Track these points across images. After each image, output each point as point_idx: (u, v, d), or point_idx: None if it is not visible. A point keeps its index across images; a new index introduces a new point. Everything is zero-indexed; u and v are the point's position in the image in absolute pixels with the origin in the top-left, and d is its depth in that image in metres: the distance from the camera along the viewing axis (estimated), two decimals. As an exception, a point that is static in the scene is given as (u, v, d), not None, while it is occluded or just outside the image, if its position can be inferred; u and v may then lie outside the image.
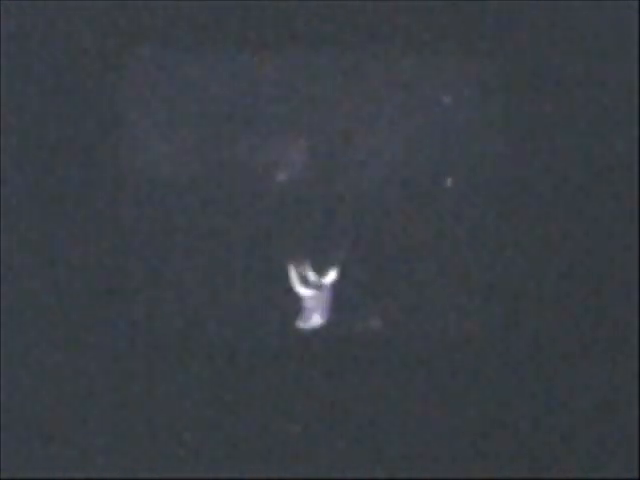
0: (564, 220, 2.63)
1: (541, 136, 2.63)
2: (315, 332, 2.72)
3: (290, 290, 2.71)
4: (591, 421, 2.64)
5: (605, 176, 2.63)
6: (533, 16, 2.61)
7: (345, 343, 2.67)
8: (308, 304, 2.71)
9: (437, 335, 2.69)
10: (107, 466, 2.57)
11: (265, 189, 2.68)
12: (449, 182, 2.69)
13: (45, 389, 2.56)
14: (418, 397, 2.64)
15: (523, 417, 2.65)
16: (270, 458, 2.61)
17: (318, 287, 2.71)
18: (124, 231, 2.61)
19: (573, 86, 2.62)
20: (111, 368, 2.57)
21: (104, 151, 2.56)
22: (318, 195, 2.69)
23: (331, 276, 2.71)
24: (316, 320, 2.72)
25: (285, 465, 2.61)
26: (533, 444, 2.64)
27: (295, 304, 2.72)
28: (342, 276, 2.71)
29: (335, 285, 2.72)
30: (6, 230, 2.51)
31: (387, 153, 2.69)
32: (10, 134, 2.50)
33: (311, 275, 2.70)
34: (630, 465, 2.61)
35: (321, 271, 2.70)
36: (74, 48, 2.52)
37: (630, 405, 2.63)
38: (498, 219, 2.68)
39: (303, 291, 2.71)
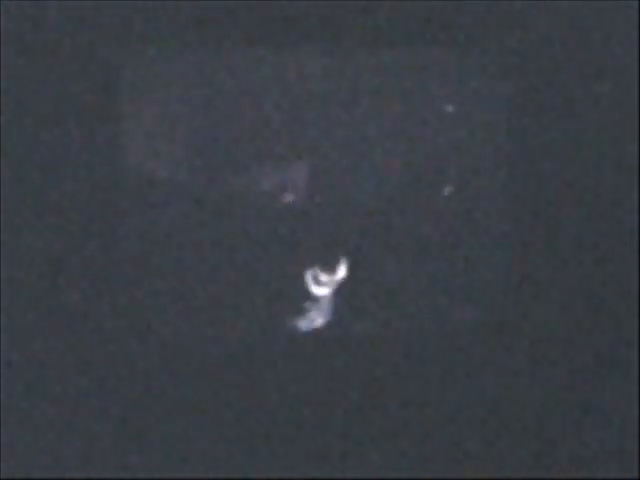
0: (565, 225, 2.64)
1: (542, 144, 2.63)
2: (315, 332, 2.73)
3: (291, 292, 2.72)
4: (591, 421, 2.64)
5: (606, 183, 2.63)
6: (534, 20, 2.61)
7: (345, 344, 2.67)
8: (317, 305, 2.72)
9: (436, 336, 2.70)
10: (107, 466, 2.58)
11: (272, 209, 2.69)
12: (447, 191, 2.70)
13: (45, 389, 2.56)
14: (418, 397, 2.65)
15: (523, 417, 2.65)
16: (270, 458, 2.61)
17: (330, 285, 2.72)
18: (123, 234, 2.61)
19: (574, 92, 2.62)
20: (112, 368, 2.58)
21: (104, 152, 2.56)
22: (323, 210, 2.70)
23: (340, 275, 2.73)
24: (318, 321, 2.73)
25: (285, 465, 2.61)
26: (533, 444, 2.65)
27: (296, 306, 2.72)
28: (343, 278, 2.73)
29: (336, 287, 2.73)
30: (5, 230, 2.51)
31: (387, 164, 2.70)
32: (10, 134, 2.50)
33: (323, 276, 2.71)
34: (630, 465, 2.61)
35: (331, 272, 2.72)
36: (74, 48, 2.52)
37: (630, 406, 2.63)
38: (498, 222, 2.69)
39: (317, 291, 2.72)
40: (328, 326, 2.73)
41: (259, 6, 2.57)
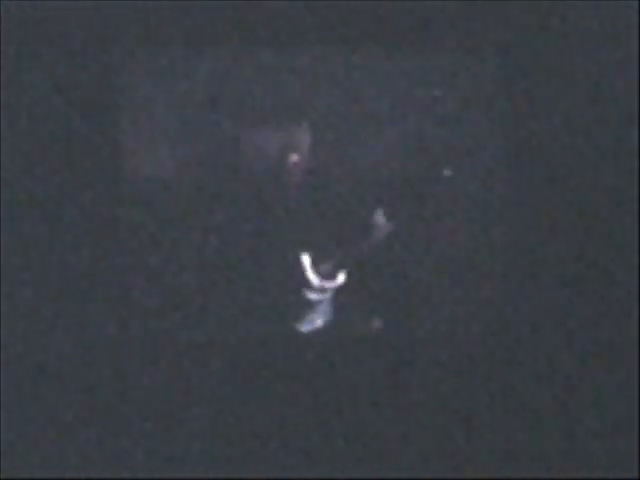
0: (563, 212, 2.64)
1: (539, 129, 2.64)
2: (316, 333, 2.73)
3: (293, 290, 2.72)
4: (591, 421, 2.64)
5: (605, 168, 2.63)
6: (532, 13, 2.62)
7: (346, 344, 2.67)
8: (315, 308, 2.72)
9: (437, 335, 2.70)
10: (107, 466, 2.58)
11: (280, 170, 2.70)
12: (447, 172, 2.70)
13: (45, 389, 2.56)
14: (418, 397, 2.65)
15: (523, 417, 2.65)
16: (270, 458, 2.61)
17: (324, 291, 2.72)
18: (127, 224, 2.61)
19: (571, 81, 2.62)
20: (113, 368, 2.58)
21: (104, 151, 2.56)
22: (325, 179, 2.71)
23: (338, 280, 2.72)
24: (318, 323, 2.73)
25: (285, 465, 2.61)
26: (533, 444, 2.64)
27: (298, 305, 2.72)
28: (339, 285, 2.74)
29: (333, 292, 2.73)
30: (6, 230, 2.51)
31: (387, 144, 2.70)
32: (10, 134, 2.51)
33: (316, 281, 2.71)
34: (630, 465, 2.61)
35: (327, 277, 2.72)
36: (74, 49, 2.52)
37: (630, 405, 2.63)
38: (498, 216, 2.69)
39: (312, 296, 2.72)
40: (328, 327, 2.73)
41: (259, 6, 2.57)
